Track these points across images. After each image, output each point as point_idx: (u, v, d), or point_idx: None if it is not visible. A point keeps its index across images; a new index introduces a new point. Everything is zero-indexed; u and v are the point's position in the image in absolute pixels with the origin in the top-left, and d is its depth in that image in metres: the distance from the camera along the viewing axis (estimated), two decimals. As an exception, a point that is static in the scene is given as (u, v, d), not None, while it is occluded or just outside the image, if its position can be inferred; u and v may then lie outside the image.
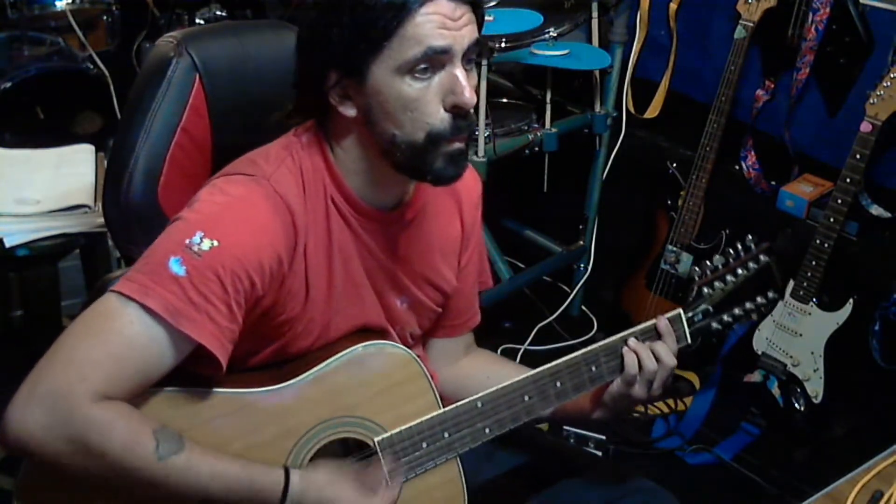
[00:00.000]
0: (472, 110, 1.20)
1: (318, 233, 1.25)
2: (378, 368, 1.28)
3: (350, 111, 1.20)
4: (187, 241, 1.13)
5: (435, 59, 1.15)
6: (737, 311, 1.43)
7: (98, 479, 1.10)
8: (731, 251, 1.41)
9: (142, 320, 1.10)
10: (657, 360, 1.35)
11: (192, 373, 1.17)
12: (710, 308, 1.41)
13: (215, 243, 1.13)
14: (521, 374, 1.41)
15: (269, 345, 1.27)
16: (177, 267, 1.11)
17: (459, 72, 1.16)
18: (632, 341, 1.36)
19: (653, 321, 1.38)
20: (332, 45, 1.16)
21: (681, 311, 1.41)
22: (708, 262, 1.41)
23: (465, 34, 1.16)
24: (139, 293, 1.10)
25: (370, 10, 1.12)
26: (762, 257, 1.41)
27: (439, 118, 1.17)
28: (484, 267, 1.54)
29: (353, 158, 1.25)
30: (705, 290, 1.41)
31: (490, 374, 1.49)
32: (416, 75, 1.15)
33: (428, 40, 1.13)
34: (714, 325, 1.42)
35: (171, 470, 1.10)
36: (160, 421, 1.13)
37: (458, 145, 1.20)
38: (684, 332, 1.41)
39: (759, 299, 1.43)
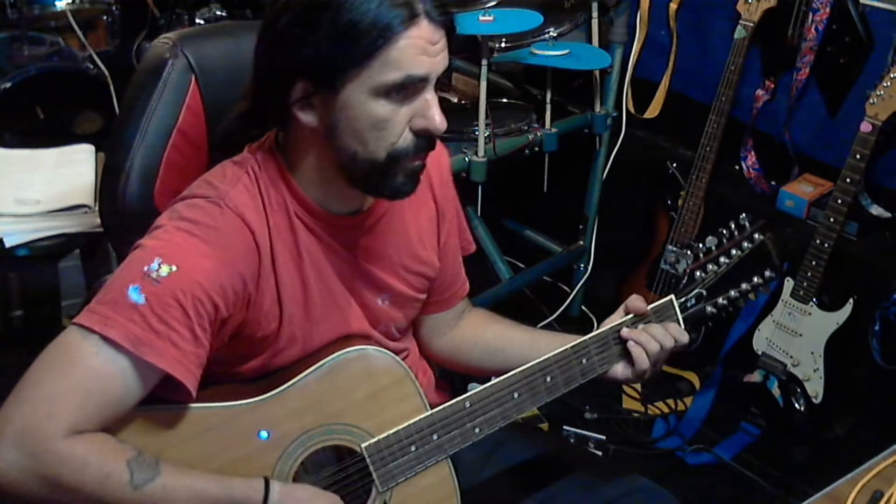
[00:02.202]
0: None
1: (285, 248, 1.23)
2: (361, 374, 1.26)
3: (311, 121, 1.18)
4: (145, 269, 1.11)
5: (412, 86, 1.14)
6: (732, 293, 1.38)
7: None
8: (725, 231, 1.36)
9: (104, 352, 1.09)
10: (655, 340, 1.34)
11: (165, 398, 1.16)
12: (704, 292, 1.37)
13: (174, 268, 1.11)
14: (509, 334, 1.46)
15: (251, 361, 1.27)
16: (136, 295, 1.10)
17: (431, 96, 1.16)
18: (625, 330, 1.35)
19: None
20: (306, 55, 1.13)
21: (672, 297, 1.39)
22: (700, 245, 1.37)
23: (440, 60, 1.15)
24: (99, 324, 1.09)
25: (353, 27, 1.10)
26: (757, 235, 1.36)
27: (403, 138, 1.16)
28: (465, 233, 1.53)
29: (311, 170, 1.23)
30: (697, 273, 1.37)
31: (477, 340, 1.51)
32: (390, 97, 1.14)
33: (408, 67, 1.12)
34: (709, 309, 1.38)
35: (149, 498, 1.09)
36: (136, 446, 1.12)
37: (418, 163, 1.20)
38: (677, 318, 1.39)
39: (755, 279, 1.38)
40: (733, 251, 1.35)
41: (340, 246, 1.29)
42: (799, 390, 2.37)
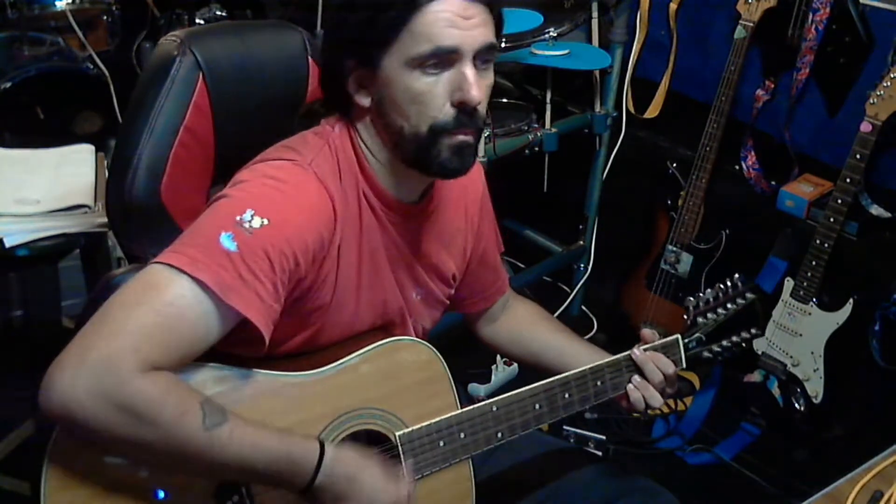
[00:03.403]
0: (479, 108, 1.21)
1: (351, 223, 1.27)
2: (406, 364, 1.32)
3: (364, 100, 1.23)
4: (238, 218, 1.13)
5: (444, 58, 1.17)
6: (724, 342, 1.53)
7: (143, 447, 1.09)
8: (721, 286, 1.52)
9: (193, 293, 1.10)
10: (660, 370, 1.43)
11: (229, 354, 1.18)
12: (703, 337, 1.51)
13: (266, 221, 1.14)
14: (549, 342, 1.56)
15: (300, 332, 1.28)
16: (228, 242, 1.11)
17: (469, 70, 1.18)
18: (636, 352, 1.43)
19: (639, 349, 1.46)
20: (348, 34, 1.20)
21: (678, 336, 1.49)
22: (701, 294, 1.52)
23: (477, 35, 1.18)
24: (190, 266, 1.10)
25: (381, 2, 1.16)
26: (748, 295, 1.51)
27: (443, 112, 1.19)
28: (498, 236, 1.60)
29: (376, 152, 1.27)
30: (699, 319, 1.50)
31: (519, 339, 1.61)
32: (426, 70, 1.17)
33: (437, 39, 1.15)
34: (705, 353, 1.52)
35: (217, 441, 1.10)
36: (204, 394, 1.13)
37: (461, 138, 1.21)
38: (681, 356, 1.49)
39: (743, 334, 1.53)
40: (728, 305, 1.51)
41: (396, 233, 1.32)
42: (799, 390, 2.37)
